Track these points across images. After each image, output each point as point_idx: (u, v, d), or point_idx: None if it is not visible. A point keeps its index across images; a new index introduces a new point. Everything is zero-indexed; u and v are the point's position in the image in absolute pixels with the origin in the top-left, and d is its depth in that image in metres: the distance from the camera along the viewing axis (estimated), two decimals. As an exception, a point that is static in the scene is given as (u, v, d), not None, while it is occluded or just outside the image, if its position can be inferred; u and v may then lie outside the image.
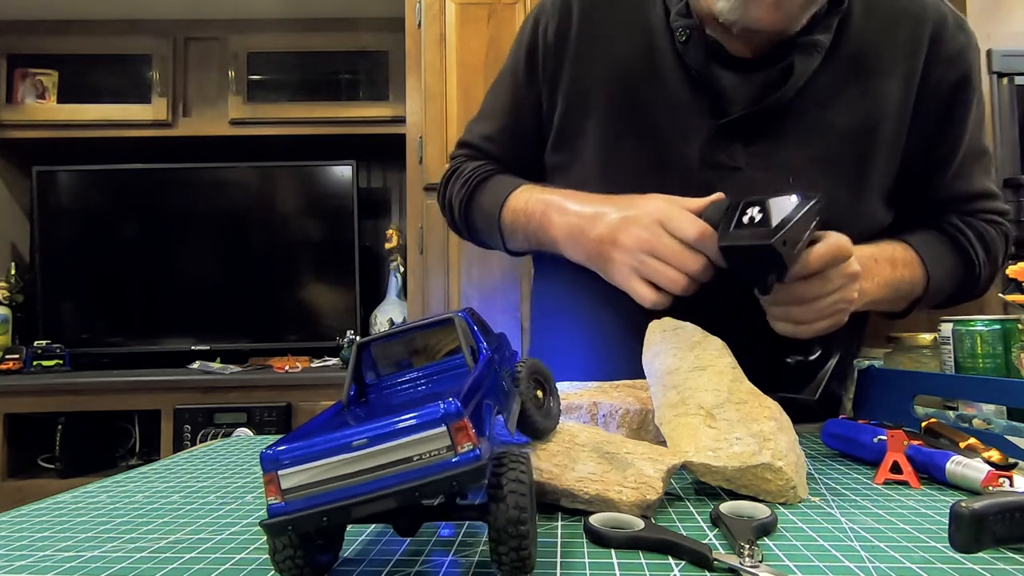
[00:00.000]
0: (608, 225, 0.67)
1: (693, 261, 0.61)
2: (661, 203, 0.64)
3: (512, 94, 0.84)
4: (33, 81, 2.22)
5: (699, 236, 0.61)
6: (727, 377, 0.53)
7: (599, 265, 0.69)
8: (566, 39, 0.78)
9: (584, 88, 0.77)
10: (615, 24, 0.77)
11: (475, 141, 0.88)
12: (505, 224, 0.81)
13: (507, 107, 0.85)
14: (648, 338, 0.61)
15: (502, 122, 0.85)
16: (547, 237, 0.75)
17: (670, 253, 0.62)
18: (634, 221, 0.65)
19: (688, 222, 0.62)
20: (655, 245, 0.63)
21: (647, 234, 0.63)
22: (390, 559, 0.36)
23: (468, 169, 0.86)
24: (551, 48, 0.79)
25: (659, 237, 0.63)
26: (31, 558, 0.38)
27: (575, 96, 0.78)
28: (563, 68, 0.78)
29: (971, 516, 0.36)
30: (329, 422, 0.36)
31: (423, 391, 0.41)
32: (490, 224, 0.82)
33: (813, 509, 0.45)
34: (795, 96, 0.71)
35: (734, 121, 0.71)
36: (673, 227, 0.62)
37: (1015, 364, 0.65)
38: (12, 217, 2.30)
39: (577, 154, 0.79)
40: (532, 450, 0.47)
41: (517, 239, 0.81)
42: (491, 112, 0.87)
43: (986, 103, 1.86)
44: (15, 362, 2.00)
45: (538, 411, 0.47)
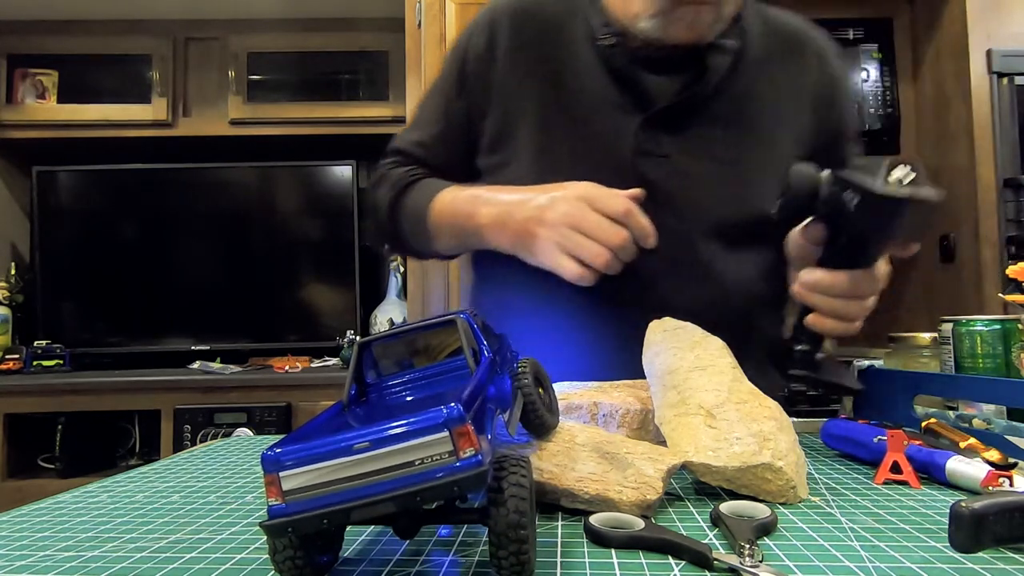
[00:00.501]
0: (535, 206, 0.70)
1: (617, 235, 0.64)
2: (587, 184, 0.68)
3: (443, 104, 0.88)
4: (33, 81, 2.22)
5: (625, 211, 0.65)
6: (727, 377, 0.53)
7: (525, 245, 0.71)
8: (494, 53, 0.84)
9: (516, 95, 0.83)
10: (542, 38, 0.83)
11: (406, 147, 0.90)
12: (433, 222, 0.82)
13: (438, 115, 0.88)
14: (648, 338, 0.61)
15: (433, 129, 0.89)
16: (474, 227, 0.76)
17: (594, 227, 0.65)
18: (560, 199, 0.68)
19: (613, 198, 0.66)
20: (580, 220, 0.65)
21: (572, 209, 0.66)
22: (390, 559, 0.36)
23: (396, 174, 0.87)
24: (481, 61, 0.84)
25: (583, 212, 0.65)
26: (31, 558, 0.38)
27: (508, 103, 0.83)
28: (493, 79, 0.84)
29: (971, 516, 0.36)
30: (330, 423, 0.36)
31: (424, 393, 0.41)
32: (418, 224, 0.83)
33: (813, 509, 0.45)
34: (713, 94, 0.79)
35: (660, 113, 0.78)
36: (599, 204, 0.65)
37: (1015, 364, 0.65)
38: (12, 217, 2.30)
39: (513, 153, 0.82)
40: (533, 450, 0.47)
41: (445, 237, 0.83)
42: (422, 121, 0.90)
43: (986, 103, 1.86)
44: (15, 362, 2.00)
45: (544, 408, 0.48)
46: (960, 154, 1.93)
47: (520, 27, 0.84)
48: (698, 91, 0.79)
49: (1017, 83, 1.86)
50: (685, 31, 0.75)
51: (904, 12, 2.16)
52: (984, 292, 1.81)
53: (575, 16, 0.83)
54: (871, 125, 2.08)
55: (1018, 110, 1.86)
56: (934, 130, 2.05)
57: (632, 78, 0.79)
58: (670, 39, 0.76)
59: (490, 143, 0.85)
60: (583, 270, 0.65)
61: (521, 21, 0.84)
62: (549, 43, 0.83)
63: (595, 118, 0.80)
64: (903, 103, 2.13)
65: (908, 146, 2.13)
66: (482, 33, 0.85)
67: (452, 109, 0.87)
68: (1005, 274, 0.77)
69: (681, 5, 0.73)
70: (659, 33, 0.76)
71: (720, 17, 0.76)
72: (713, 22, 0.76)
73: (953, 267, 1.96)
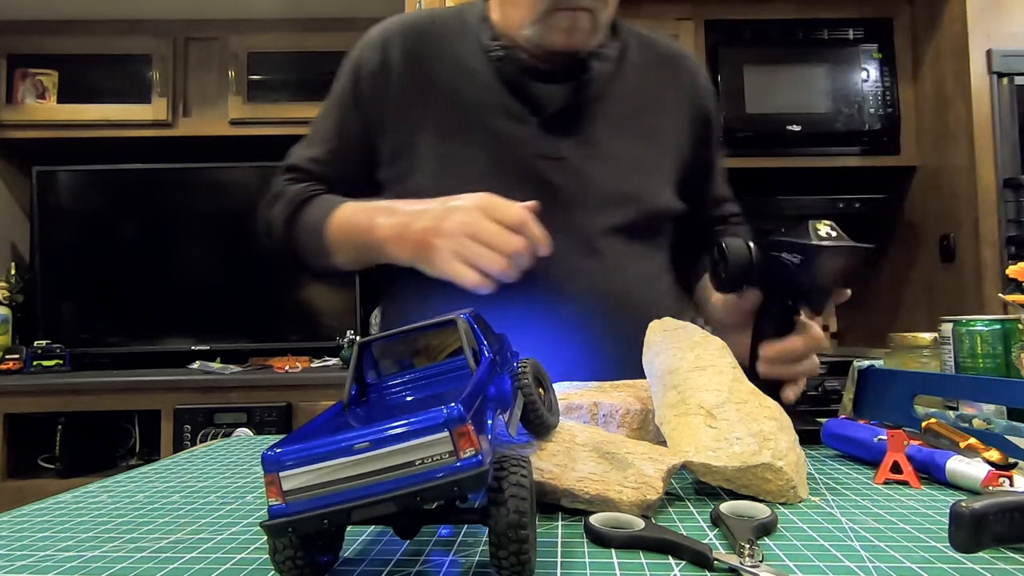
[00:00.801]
0: (433, 217, 0.71)
1: (512, 243, 0.66)
2: (484, 195, 0.70)
3: (338, 120, 0.89)
4: (33, 81, 2.21)
5: (520, 220, 0.67)
6: (727, 377, 0.53)
7: (424, 256, 0.72)
8: (388, 69, 0.86)
9: (413, 109, 0.85)
10: (436, 53, 0.87)
11: (302, 164, 0.90)
12: (331, 238, 0.82)
13: (333, 132, 0.90)
14: (648, 338, 0.61)
15: (328, 145, 0.90)
16: (372, 240, 0.77)
17: (491, 236, 0.66)
18: (457, 209, 0.69)
19: (509, 207, 0.67)
20: (477, 229, 0.67)
21: (469, 219, 0.68)
22: (390, 559, 0.36)
23: (293, 190, 0.88)
24: (375, 76, 0.86)
25: (480, 220, 0.67)
26: (32, 558, 0.38)
27: (405, 116, 0.85)
28: (388, 95, 0.86)
29: (971, 516, 0.36)
30: (330, 423, 0.36)
31: (425, 393, 0.41)
32: (315, 240, 0.83)
33: (813, 509, 0.45)
34: (600, 98, 0.85)
35: (553, 117, 0.83)
36: (495, 213, 0.67)
37: (1015, 364, 0.65)
38: (12, 217, 2.30)
39: (415, 164, 0.84)
40: (533, 450, 0.47)
41: (344, 252, 0.83)
42: (317, 137, 0.91)
43: (986, 103, 1.87)
44: (15, 362, 2.00)
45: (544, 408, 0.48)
46: (960, 154, 1.93)
47: (413, 44, 0.87)
48: (586, 95, 0.84)
49: (1017, 83, 1.86)
50: (564, 37, 0.79)
51: (904, 12, 2.16)
52: (984, 292, 1.81)
53: (466, 32, 0.88)
54: (871, 125, 2.08)
55: (1018, 110, 1.86)
56: (934, 130, 2.05)
57: (524, 87, 0.83)
58: (551, 45, 0.80)
59: (390, 156, 0.87)
60: (481, 278, 0.66)
61: (414, 38, 0.88)
62: (443, 57, 0.86)
63: (493, 126, 0.83)
64: (903, 103, 2.13)
65: (908, 146, 2.13)
66: (374, 50, 0.87)
67: (347, 125, 0.88)
68: (1005, 274, 0.77)
69: (558, 11, 0.77)
70: (540, 40, 0.80)
71: (597, 25, 0.80)
72: (590, 29, 0.80)
73: (953, 267, 1.96)
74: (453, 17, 0.90)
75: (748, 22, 2.17)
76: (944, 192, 2.00)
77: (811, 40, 2.16)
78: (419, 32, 0.88)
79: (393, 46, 0.87)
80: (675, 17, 2.17)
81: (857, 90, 2.09)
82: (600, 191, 0.83)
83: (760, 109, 2.08)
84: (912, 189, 2.15)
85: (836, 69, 2.10)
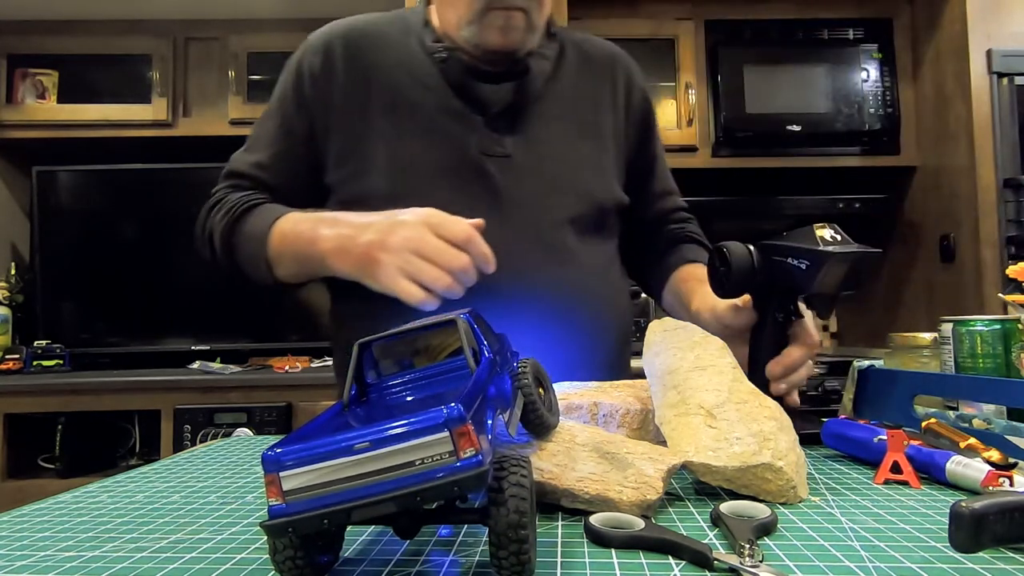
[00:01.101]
0: (377, 231, 0.70)
1: (457, 259, 0.65)
2: (429, 210, 0.69)
3: (282, 123, 0.89)
4: (33, 81, 2.21)
5: (466, 237, 0.66)
6: (727, 377, 0.53)
7: (368, 271, 0.71)
8: (332, 73, 0.87)
9: (360, 111, 0.86)
10: (380, 56, 0.88)
11: (245, 170, 0.89)
12: (272, 248, 0.80)
13: (277, 136, 0.89)
14: (648, 338, 0.61)
15: (273, 149, 0.89)
16: (316, 252, 0.76)
17: (435, 252, 0.66)
18: (402, 224, 0.68)
19: (455, 224, 0.67)
20: (421, 245, 0.66)
21: (414, 234, 0.67)
22: (390, 559, 0.36)
23: (233, 199, 0.86)
24: (319, 80, 0.87)
25: (425, 236, 0.67)
26: (32, 558, 0.38)
27: (352, 118, 0.86)
28: (333, 98, 0.86)
29: (971, 516, 0.36)
30: (330, 423, 0.36)
31: (425, 393, 0.41)
32: (256, 249, 0.81)
33: (813, 509, 0.45)
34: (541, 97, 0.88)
35: (498, 116, 0.85)
36: (441, 229, 0.67)
37: (1015, 364, 0.65)
38: (12, 217, 2.30)
39: (365, 165, 0.84)
40: (533, 450, 0.47)
41: (286, 264, 0.81)
42: (260, 142, 0.90)
43: (986, 103, 1.87)
44: (15, 362, 1.99)
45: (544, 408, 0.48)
46: (960, 154, 1.93)
47: (356, 47, 0.88)
48: (527, 94, 0.86)
49: (1017, 83, 1.86)
50: (500, 36, 0.81)
51: (904, 12, 2.16)
52: (984, 292, 1.82)
53: (409, 35, 0.89)
54: (871, 125, 2.08)
55: (1018, 110, 1.86)
56: (934, 130, 2.05)
57: (468, 88, 0.85)
58: (488, 44, 0.82)
59: (337, 159, 0.86)
60: (425, 294, 0.66)
61: (357, 41, 0.89)
62: (387, 60, 0.88)
63: (441, 126, 0.85)
64: (903, 103, 2.13)
65: (908, 146, 2.13)
66: (317, 54, 0.88)
67: (292, 129, 0.88)
68: (1005, 274, 0.77)
69: (492, 10, 0.80)
70: (477, 39, 0.82)
71: (531, 24, 0.82)
72: (525, 28, 0.82)
73: (953, 267, 1.96)
74: (395, 21, 0.92)
75: (748, 22, 2.17)
76: (944, 192, 2.00)
77: (811, 40, 2.16)
78: (361, 36, 0.89)
79: (335, 49, 0.88)
80: (675, 17, 2.17)
81: (857, 90, 2.09)
82: (547, 186, 0.85)
83: (760, 109, 2.08)
84: (912, 189, 2.15)
85: (836, 69, 2.10)
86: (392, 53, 0.88)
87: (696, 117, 2.13)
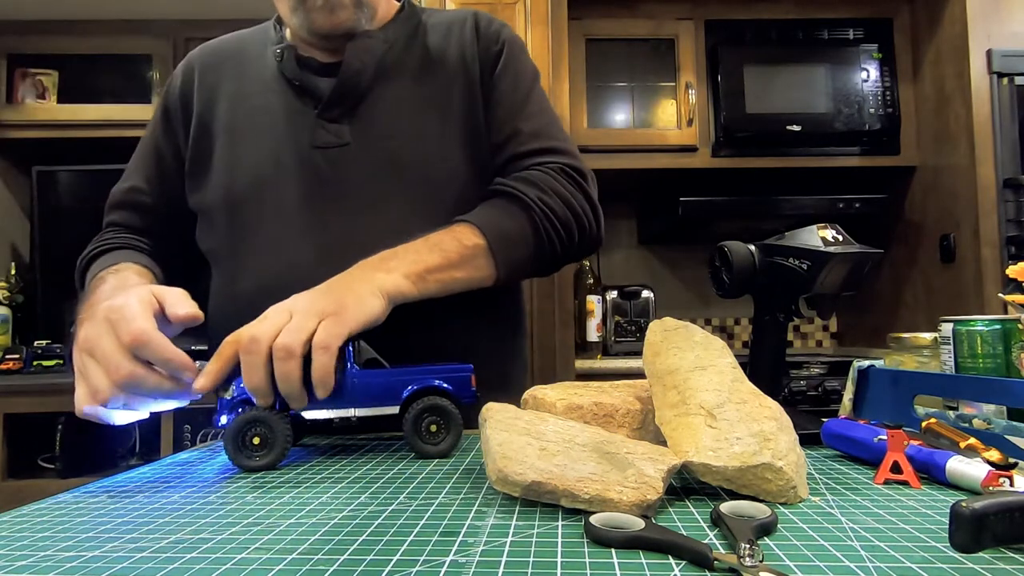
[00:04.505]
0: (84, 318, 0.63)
1: (116, 371, 0.56)
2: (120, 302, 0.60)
3: (154, 145, 0.92)
4: (33, 81, 2.22)
5: (131, 340, 0.57)
6: (728, 377, 0.53)
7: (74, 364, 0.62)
8: (191, 88, 0.90)
9: (209, 119, 0.88)
10: (232, 68, 0.91)
11: (123, 198, 0.92)
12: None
13: (149, 159, 0.92)
14: (648, 338, 0.61)
15: (147, 172, 0.92)
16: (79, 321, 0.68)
17: (102, 357, 0.57)
18: (94, 315, 0.61)
19: (127, 324, 0.57)
20: (94, 345, 0.58)
21: (94, 331, 0.59)
22: (390, 559, 0.36)
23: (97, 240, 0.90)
24: (180, 97, 0.91)
25: (100, 337, 0.58)
26: (32, 558, 0.38)
27: (202, 128, 0.88)
28: (192, 111, 0.89)
29: (971, 516, 0.36)
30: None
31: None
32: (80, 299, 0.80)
33: (813, 509, 0.45)
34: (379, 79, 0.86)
35: (331, 107, 0.84)
36: (117, 328, 0.58)
37: (1015, 364, 0.65)
38: (12, 217, 2.30)
39: (205, 176, 0.87)
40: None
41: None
42: (134, 169, 0.93)
43: (986, 103, 1.87)
44: (15, 362, 1.99)
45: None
46: (960, 154, 1.93)
47: (212, 62, 0.92)
48: (360, 80, 0.84)
49: (1017, 83, 1.87)
50: (326, 16, 0.82)
51: (904, 12, 2.16)
52: (984, 292, 1.82)
53: (266, 46, 0.91)
54: (871, 125, 2.08)
55: (1018, 110, 1.86)
56: (934, 130, 2.05)
57: (305, 83, 0.86)
58: (318, 28, 0.83)
59: (189, 175, 0.89)
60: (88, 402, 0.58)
61: (213, 57, 0.93)
62: (238, 71, 0.90)
63: (275, 126, 0.85)
64: (903, 103, 2.13)
65: (908, 146, 2.13)
66: (180, 75, 0.93)
67: (163, 153, 0.91)
68: (1005, 274, 0.77)
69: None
70: (306, 24, 0.83)
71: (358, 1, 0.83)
72: (353, 5, 0.82)
73: (953, 267, 1.96)
74: (257, 33, 0.95)
75: (748, 22, 2.17)
76: (944, 192, 2.00)
77: (811, 40, 2.16)
78: (220, 51, 0.94)
79: (195, 67, 0.92)
80: (675, 17, 2.17)
81: (857, 90, 2.09)
82: (388, 168, 0.83)
83: (760, 109, 2.08)
84: (912, 189, 2.15)
85: (836, 69, 2.10)
86: (248, 65, 0.90)
87: (696, 117, 2.13)
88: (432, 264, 0.73)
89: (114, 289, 0.72)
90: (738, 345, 2.50)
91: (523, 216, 0.80)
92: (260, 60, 0.90)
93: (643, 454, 0.47)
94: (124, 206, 0.91)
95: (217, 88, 0.89)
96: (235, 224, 0.84)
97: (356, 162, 0.83)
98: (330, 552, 0.37)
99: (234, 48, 0.94)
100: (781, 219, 2.06)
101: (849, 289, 0.66)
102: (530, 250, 0.81)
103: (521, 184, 0.82)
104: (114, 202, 0.92)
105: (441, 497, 0.48)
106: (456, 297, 0.76)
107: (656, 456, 0.47)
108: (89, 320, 0.61)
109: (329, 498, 0.49)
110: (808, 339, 2.58)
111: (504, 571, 0.34)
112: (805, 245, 0.64)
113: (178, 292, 0.63)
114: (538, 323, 1.87)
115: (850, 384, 0.75)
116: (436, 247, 0.74)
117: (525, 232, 0.80)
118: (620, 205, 2.53)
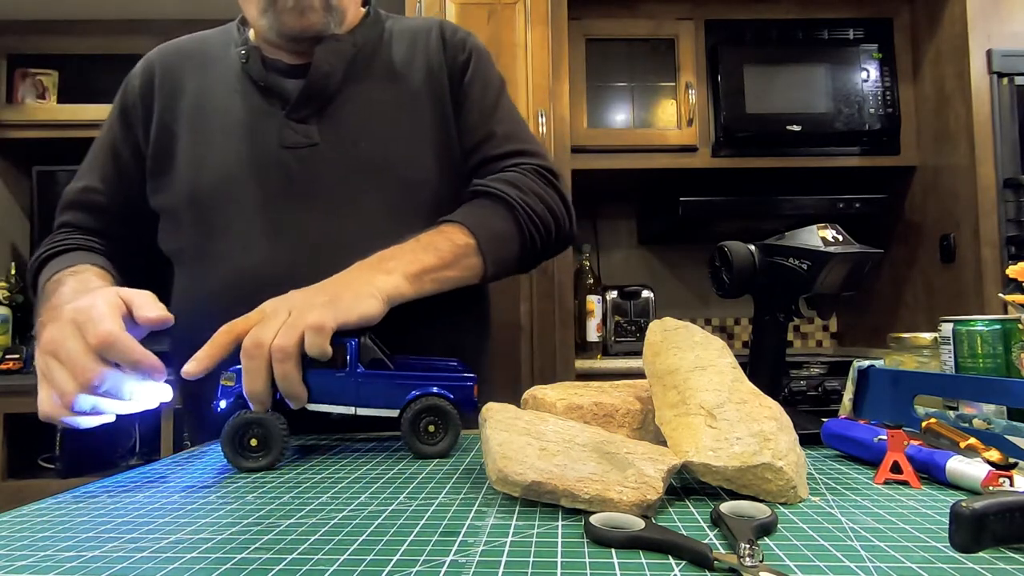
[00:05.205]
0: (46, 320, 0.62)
1: (83, 372, 0.55)
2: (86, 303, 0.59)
3: (110, 145, 0.91)
4: (33, 81, 2.22)
5: (99, 342, 0.55)
6: (728, 377, 0.53)
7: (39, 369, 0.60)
8: (151, 88, 0.89)
9: (170, 119, 0.87)
10: (195, 69, 0.90)
11: (77, 197, 0.90)
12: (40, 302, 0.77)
13: (106, 157, 0.91)
14: (649, 338, 0.61)
15: (103, 171, 0.90)
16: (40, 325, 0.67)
17: (67, 358, 0.56)
18: (58, 317, 0.59)
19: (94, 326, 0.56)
20: (59, 347, 0.56)
21: (59, 333, 0.57)
22: (390, 559, 0.36)
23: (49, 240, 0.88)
24: (140, 97, 0.90)
25: (65, 339, 0.56)
26: (32, 558, 0.38)
27: (163, 127, 0.87)
28: (153, 111, 0.88)
29: (971, 516, 0.36)
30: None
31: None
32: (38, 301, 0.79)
33: (813, 509, 0.45)
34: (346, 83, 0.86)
35: (300, 108, 0.84)
36: (85, 329, 0.56)
37: (1015, 364, 0.65)
38: (12, 217, 2.30)
39: (169, 175, 0.86)
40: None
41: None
42: (89, 168, 0.92)
43: (986, 103, 1.87)
44: (15, 362, 2.00)
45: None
46: (960, 154, 1.93)
47: (173, 62, 0.91)
48: (329, 82, 0.85)
49: (1017, 83, 1.86)
50: (296, 18, 0.82)
51: (904, 12, 2.16)
52: (984, 292, 1.82)
53: (230, 44, 0.91)
54: (871, 125, 2.08)
55: (1018, 110, 1.86)
56: (934, 130, 2.05)
57: (271, 84, 0.86)
58: (288, 30, 0.83)
59: (151, 174, 0.88)
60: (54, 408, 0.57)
61: (174, 57, 0.92)
62: (200, 71, 0.90)
63: (241, 126, 0.85)
64: (903, 103, 2.13)
65: (908, 146, 2.13)
66: (139, 74, 0.92)
67: (120, 152, 0.90)
68: (1005, 274, 0.77)
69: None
70: (276, 26, 0.83)
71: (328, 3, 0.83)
72: (323, 8, 0.83)
73: (953, 267, 1.96)
74: (219, 34, 0.95)
75: (748, 22, 2.17)
76: (944, 192, 2.00)
77: (811, 40, 2.16)
78: (182, 52, 0.93)
79: (156, 67, 0.91)
80: (675, 17, 2.17)
81: (857, 90, 2.09)
82: (359, 172, 0.83)
83: (760, 109, 2.08)
84: (912, 189, 2.15)
85: (836, 69, 2.10)
86: (210, 66, 0.90)
87: (696, 117, 2.13)
88: (428, 264, 0.74)
89: (76, 291, 0.70)
90: (738, 345, 2.50)
91: (508, 216, 0.83)
92: (223, 61, 0.90)
93: (643, 454, 0.47)
94: (78, 206, 0.90)
95: (179, 87, 0.89)
96: (201, 224, 0.83)
97: (326, 162, 0.83)
98: (330, 552, 0.37)
99: (196, 48, 0.93)
100: (781, 219, 2.06)
101: (849, 289, 0.66)
102: (516, 248, 0.84)
103: (502, 185, 0.84)
104: (67, 202, 0.91)
105: (441, 497, 0.48)
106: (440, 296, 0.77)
107: (656, 456, 0.47)
108: (53, 322, 0.59)
109: (329, 498, 0.49)
110: (808, 339, 2.58)
111: (504, 571, 0.34)
112: (805, 245, 0.64)
113: (146, 294, 0.62)
114: (538, 323, 1.87)
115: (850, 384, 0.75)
116: (430, 247, 0.75)
117: (511, 231, 0.83)
118: (620, 205, 2.53)
